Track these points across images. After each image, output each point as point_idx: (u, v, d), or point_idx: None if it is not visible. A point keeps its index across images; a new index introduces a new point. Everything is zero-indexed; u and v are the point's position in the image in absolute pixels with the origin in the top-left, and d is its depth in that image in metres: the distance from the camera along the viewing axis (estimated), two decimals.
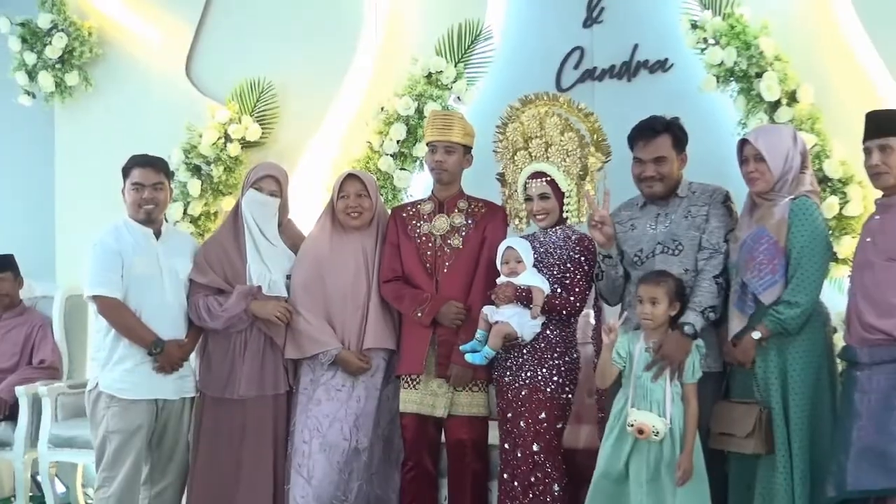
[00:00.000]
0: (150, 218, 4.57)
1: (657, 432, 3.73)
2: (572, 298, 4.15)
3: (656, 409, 3.79)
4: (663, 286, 3.85)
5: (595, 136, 4.32)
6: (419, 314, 4.34)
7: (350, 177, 4.60)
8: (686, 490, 3.73)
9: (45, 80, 6.36)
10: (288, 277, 4.56)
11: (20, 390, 5.44)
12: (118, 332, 4.45)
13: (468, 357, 4.13)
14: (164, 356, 4.43)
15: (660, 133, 4.07)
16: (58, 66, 6.36)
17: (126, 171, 4.58)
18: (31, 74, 6.41)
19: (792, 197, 3.81)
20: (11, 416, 5.50)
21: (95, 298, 4.47)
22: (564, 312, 4.16)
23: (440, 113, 4.77)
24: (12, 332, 5.82)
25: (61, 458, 5.48)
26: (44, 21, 6.34)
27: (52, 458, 5.43)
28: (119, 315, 4.44)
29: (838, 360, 3.92)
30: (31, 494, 5.59)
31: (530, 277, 4.13)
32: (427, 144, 4.54)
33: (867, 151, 3.68)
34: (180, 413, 4.59)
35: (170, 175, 4.76)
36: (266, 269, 4.53)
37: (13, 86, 6.47)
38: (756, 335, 3.77)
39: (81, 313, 5.86)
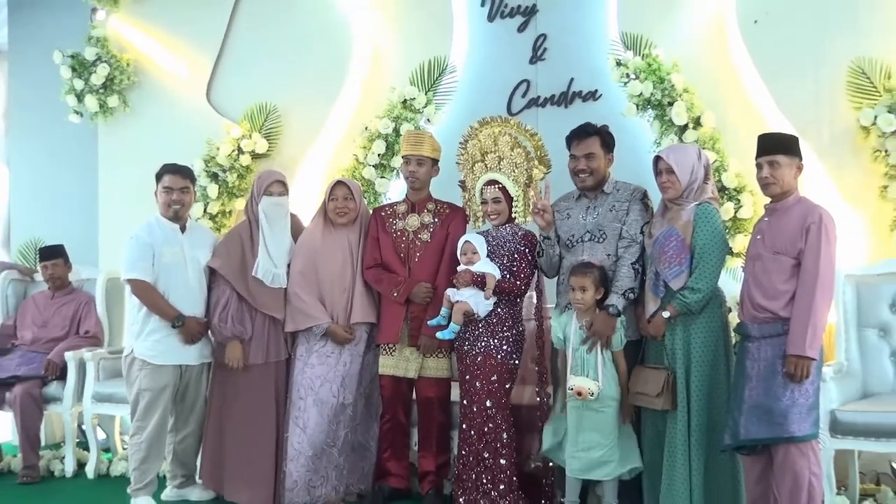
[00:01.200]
0: (178, 216, 4.54)
1: (592, 393, 3.77)
2: (518, 283, 4.15)
3: (592, 374, 3.81)
4: (590, 276, 3.88)
5: (539, 152, 4.30)
6: (395, 294, 4.33)
7: (338, 183, 4.56)
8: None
9: (91, 102, 6.31)
10: (288, 265, 4.50)
11: (69, 355, 5.39)
12: (148, 309, 4.42)
13: (439, 335, 4.14)
14: (185, 329, 4.41)
15: (591, 135, 4.11)
16: (101, 91, 6.31)
17: (158, 177, 4.57)
18: (79, 97, 6.34)
19: (697, 203, 3.80)
20: (61, 376, 5.44)
21: (130, 281, 4.44)
22: (512, 294, 4.16)
23: (413, 132, 4.74)
24: (63, 307, 5.75)
25: (102, 411, 5.44)
26: (90, 54, 6.29)
27: (94, 411, 5.39)
28: (149, 295, 4.40)
29: (733, 334, 3.91)
30: (77, 441, 5.54)
31: (484, 265, 4.13)
32: (402, 157, 4.53)
33: (758, 166, 3.66)
34: (199, 375, 4.58)
35: (194, 180, 4.72)
36: (272, 265, 4.45)
37: (65, 107, 6.41)
38: (666, 314, 3.77)
39: (119, 293, 5.78)
